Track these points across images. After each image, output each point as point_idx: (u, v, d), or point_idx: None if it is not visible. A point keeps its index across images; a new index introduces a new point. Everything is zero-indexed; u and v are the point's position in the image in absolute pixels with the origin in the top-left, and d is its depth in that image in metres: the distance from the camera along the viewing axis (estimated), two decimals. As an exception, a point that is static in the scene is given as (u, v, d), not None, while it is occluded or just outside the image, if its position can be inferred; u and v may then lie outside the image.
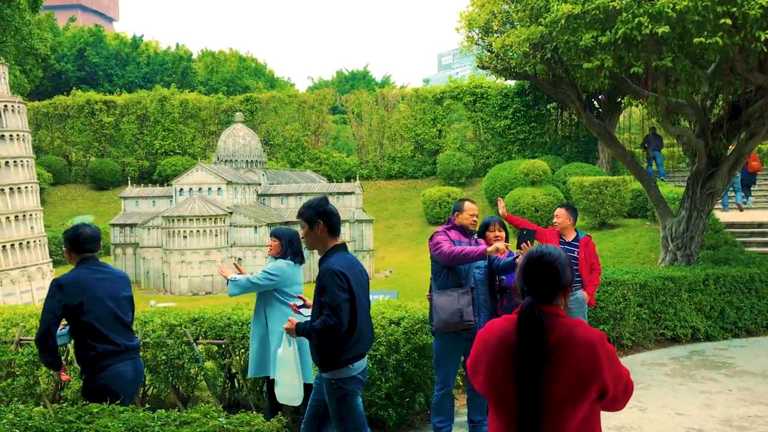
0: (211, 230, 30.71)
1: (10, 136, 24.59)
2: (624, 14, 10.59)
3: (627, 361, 10.03)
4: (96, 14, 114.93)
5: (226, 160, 36.17)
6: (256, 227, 31.40)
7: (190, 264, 30.29)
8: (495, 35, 14.77)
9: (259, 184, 35.48)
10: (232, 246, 31.71)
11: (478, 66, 20.11)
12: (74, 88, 59.50)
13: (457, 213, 6.52)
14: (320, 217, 4.87)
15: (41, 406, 5.43)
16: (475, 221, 6.49)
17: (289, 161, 50.33)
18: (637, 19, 10.43)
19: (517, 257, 6.07)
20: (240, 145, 36.51)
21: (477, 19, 14.76)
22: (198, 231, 30.45)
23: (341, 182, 37.21)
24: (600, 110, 31.77)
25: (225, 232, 31.15)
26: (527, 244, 6.20)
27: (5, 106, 24.51)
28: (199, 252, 30.40)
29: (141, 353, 7.28)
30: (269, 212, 33.82)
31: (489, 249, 5.91)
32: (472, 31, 15.35)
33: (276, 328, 6.33)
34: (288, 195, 34.80)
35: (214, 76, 71.30)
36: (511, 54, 14.47)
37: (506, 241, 6.84)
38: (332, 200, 33.49)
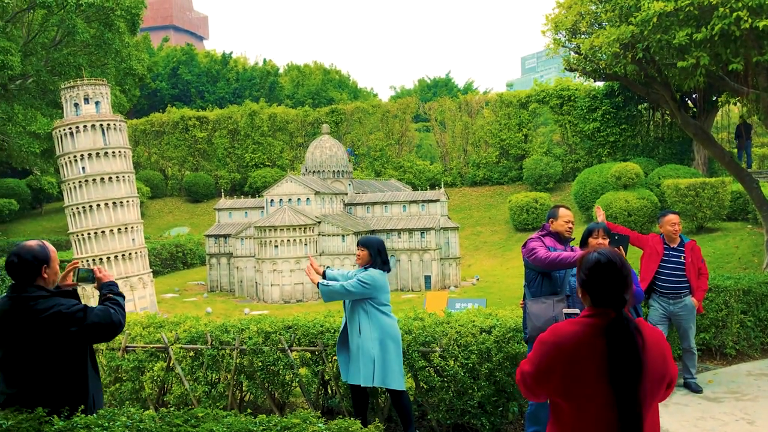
0: (300, 239, 31.41)
1: (113, 152, 26.03)
2: (720, 9, 10.15)
3: (731, 370, 9.56)
4: (187, 33, 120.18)
5: (313, 171, 36.94)
6: (343, 236, 31.88)
7: (281, 273, 31.06)
8: (583, 36, 14.46)
9: (346, 194, 36.02)
10: (320, 255, 32.31)
11: (565, 68, 19.70)
12: (169, 105, 62.47)
13: (551, 220, 6.38)
14: None
15: (150, 410, 5.70)
16: (570, 228, 6.32)
17: (373, 170, 50.88)
18: (735, 14, 9.97)
19: None
20: (327, 156, 37.21)
21: (564, 21, 14.49)
22: (288, 240, 31.21)
23: (425, 190, 37.26)
24: (695, 110, 30.48)
25: (314, 241, 31.79)
26: (620, 250, 6.02)
27: (108, 124, 25.97)
28: (289, 261, 31.14)
29: (239, 360, 7.54)
30: (356, 221, 34.26)
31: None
32: (559, 33, 15.08)
33: (369, 335, 6.41)
34: (374, 204, 35.15)
35: (300, 89, 73.07)
36: (600, 55, 14.11)
37: None
38: (417, 208, 33.61)
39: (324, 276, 6.66)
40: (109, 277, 4.58)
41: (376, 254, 6.80)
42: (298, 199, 33.13)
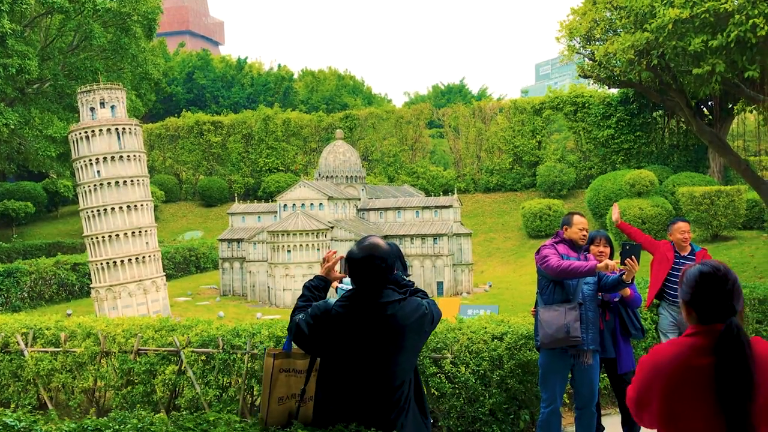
0: (313, 244, 31.46)
1: (128, 156, 26.20)
2: (737, 16, 10.08)
3: (746, 382, 9.47)
4: (203, 39, 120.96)
5: (327, 176, 37.02)
6: (356, 241, 31.92)
7: (293, 277, 31.12)
8: (597, 43, 14.43)
9: (359, 199, 36.06)
10: (332, 260, 32.30)
11: (579, 75, 19.70)
12: (184, 109, 62.89)
13: (565, 227, 6.30)
14: None
15: (161, 413, 5.71)
16: (584, 235, 6.25)
17: (387, 176, 50.92)
18: (751, 21, 9.90)
19: (623, 274, 5.86)
20: (340, 161, 37.29)
21: (578, 28, 14.47)
22: (301, 245, 31.28)
23: (439, 196, 37.23)
24: (710, 117, 30.26)
25: (326, 246, 31.82)
26: (632, 260, 5.94)
27: (123, 128, 26.14)
28: (302, 265, 31.19)
29: (250, 364, 7.55)
30: (369, 226, 34.27)
31: (599, 265, 5.72)
32: (573, 40, 15.06)
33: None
34: (386, 209, 35.16)
35: (314, 94, 73.34)
36: (614, 62, 14.07)
37: (610, 257, 6.62)
38: (430, 214, 33.58)
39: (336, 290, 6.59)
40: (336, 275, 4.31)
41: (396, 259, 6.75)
42: (311, 204, 33.20)
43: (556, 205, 37.00)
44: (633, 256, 5.86)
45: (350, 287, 3.75)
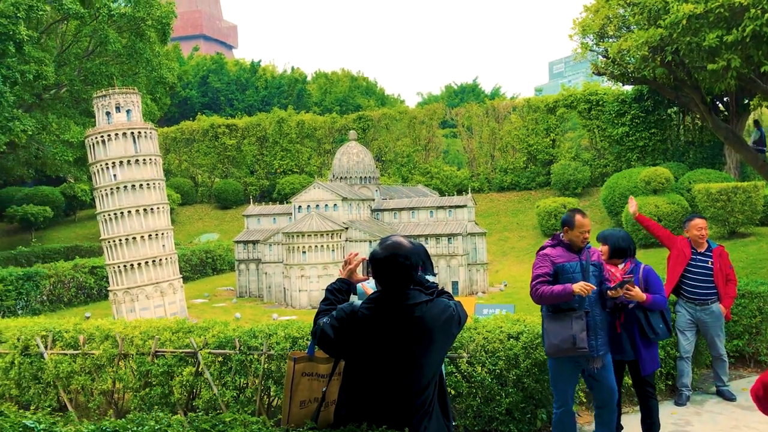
0: (328, 245, 31.53)
1: (144, 160, 26.37)
2: (752, 10, 9.99)
3: (766, 379, 9.37)
4: (217, 43, 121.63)
5: (341, 177, 37.08)
6: (370, 242, 31.91)
7: (309, 278, 31.22)
8: (610, 40, 14.35)
9: (373, 200, 36.09)
10: (347, 261, 32.35)
11: (593, 72, 19.57)
12: (199, 113, 63.28)
13: (566, 228, 6.03)
14: None
15: (179, 415, 5.76)
16: (586, 238, 6.00)
17: (400, 176, 50.91)
18: (767, 15, 9.80)
19: (616, 287, 5.91)
20: (354, 162, 37.34)
21: (591, 25, 14.40)
22: (316, 246, 31.36)
23: (453, 195, 37.15)
24: (726, 113, 29.98)
25: (341, 246, 31.87)
26: (632, 286, 6.06)
27: (139, 132, 26.33)
28: (317, 267, 31.28)
29: (266, 365, 7.59)
30: (383, 227, 34.29)
31: (575, 289, 5.56)
32: (587, 38, 14.98)
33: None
34: (401, 210, 35.15)
35: (327, 96, 73.50)
36: (628, 58, 13.99)
37: (632, 254, 6.62)
38: (445, 214, 33.54)
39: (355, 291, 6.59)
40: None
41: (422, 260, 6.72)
42: (326, 205, 33.27)
43: (571, 203, 36.81)
44: (627, 285, 6.02)
45: (374, 289, 3.72)
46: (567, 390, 6.07)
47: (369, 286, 4.99)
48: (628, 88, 39.69)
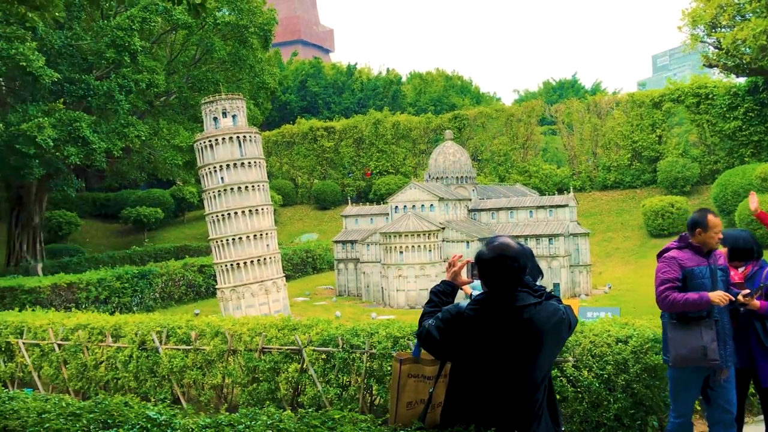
0: (425, 245, 31.56)
1: (249, 163, 27.34)
2: None
3: None
4: (315, 47, 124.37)
5: (437, 177, 37.03)
6: (467, 242, 31.69)
7: (406, 278, 31.37)
8: (724, 30, 13.60)
9: (470, 200, 35.81)
10: (445, 261, 32.29)
11: (704, 65, 18.62)
12: (298, 116, 64.95)
13: (699, 230, 5.51)
14: None
15: (287, 410, 5.92)
16: (720, 239, 5.55)
17: (497, 175, 50.27)
18: None
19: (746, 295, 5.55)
20: (450, 162, 37.19)
21: (702, 15, 13.71)
22: (413, 246, 31.47)
23: (553, 195, 36.33)
24: None
25: (438, 247, 31.83)
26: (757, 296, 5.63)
27: (245, 136, 27.31)
28: (414, 267, 31.38)
29: (368, 363, 7.67)
30: (480, 227, 33.96)
31: (713, 299, 5.19)
32: (697, 28, 14.28)
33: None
34: (498, 209, 34.69)
35: (422, 96, 73.63)
36: (743, 49, 13.21)
37: (752, 256, 6.20)
38: (545, 214, 32.82)
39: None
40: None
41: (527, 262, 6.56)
42: (422, 205, 33.31)
43: (680, 202, 35.18)
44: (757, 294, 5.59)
45: (480, 291, 3.66)
46: (688, 401, 5.67)
47: (473, 288, 4.94)
48: (741, 80, 37.47)
